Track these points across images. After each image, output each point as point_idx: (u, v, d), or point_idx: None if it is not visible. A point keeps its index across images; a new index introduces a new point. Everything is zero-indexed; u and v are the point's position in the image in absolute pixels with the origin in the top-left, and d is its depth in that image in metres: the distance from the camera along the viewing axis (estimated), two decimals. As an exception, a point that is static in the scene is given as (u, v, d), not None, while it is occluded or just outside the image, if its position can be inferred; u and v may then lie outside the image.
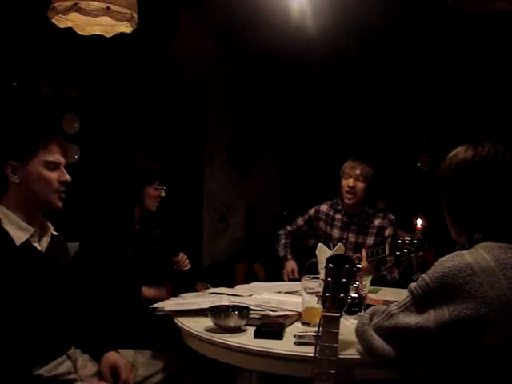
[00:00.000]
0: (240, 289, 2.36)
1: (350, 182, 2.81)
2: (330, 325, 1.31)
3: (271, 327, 1.61)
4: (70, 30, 2.04)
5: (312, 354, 1.31)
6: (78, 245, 2.31)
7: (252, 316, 1.76)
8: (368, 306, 1.73)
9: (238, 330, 1.65)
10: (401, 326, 1.29)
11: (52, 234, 1.80)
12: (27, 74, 3.82)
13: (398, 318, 1.30)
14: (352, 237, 2.87)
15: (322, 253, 2.14)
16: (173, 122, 4.58)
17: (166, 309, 1.89)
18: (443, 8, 2.16)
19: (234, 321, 1.65)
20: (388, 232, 2.81)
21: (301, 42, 4.23)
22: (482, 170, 1.34)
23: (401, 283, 2.60)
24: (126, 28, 2.02)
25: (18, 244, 1.65)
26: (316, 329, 1.34)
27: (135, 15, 1.96)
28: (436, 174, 1.44)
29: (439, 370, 1.32)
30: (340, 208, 2.94)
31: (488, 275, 1.21)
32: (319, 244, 2.24)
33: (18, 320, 1.61)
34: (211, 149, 5.07)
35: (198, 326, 1.70)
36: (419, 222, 2.42)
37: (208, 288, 2.37)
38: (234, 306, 1.79)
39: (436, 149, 4.84)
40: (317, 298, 1.64)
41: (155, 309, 1.92)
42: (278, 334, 1.57)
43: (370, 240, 2.83)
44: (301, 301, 1.74)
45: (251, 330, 1.62)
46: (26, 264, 1.67)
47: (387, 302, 1.82)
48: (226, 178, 5.19)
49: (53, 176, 1.72)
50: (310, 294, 1.68)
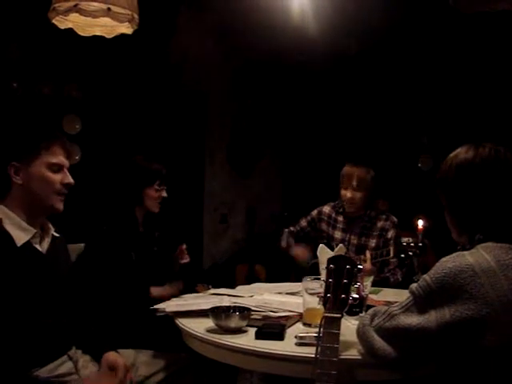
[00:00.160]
0: (241, 290, 2.36)
1: (348, 193, 2.79)
2: (331, 326, 1.31)
3: (272, 328, 1.61)
4: (70, 31, 2.04)
5: (313, 355, 1.31)
6: (78, 246, 2.32)
7: (253, 317, 1.76)
8: (369, 306, 1.73)
9: (238, 330, 1.65)
10: (402, 327, 1.29)
11: (53, 235, 1.81)
12: (27, 75, 3.82)
13: (399, 319, 1.30)
14: (354, 239, 2.87)
15: (323, 254, 2.14)
16: (173, 122, 4.58)
17: (167, 310, 1.89)
18: (444, 8, 2.16)
19: (234, 322, 1.65)
20: (390, 234, 2.80)
21: (301, 42, 4.23)
22: (482, 170, 1.34)
23: (402, 284, 2.60)
24: (126, 29, 2.02)
25: (18, 245, 1.65)
26: (317, 330, 1.34)
27: (136, 16, 1.96)
28: (437, 174, 1.44)
29: (440, 370, 1.32)
30: (342, 210, 2.94)
31: (489, 276, 1.21)
32: (320, 245, 2.24)
33: (18, 320, 1.61)
34: (212, 149, 5.07)
35: (199, 327, 1.70)
36: (420, 223, 2.41)
37: (209, 289, 2.37)
38: (234, 306, 1.79)
39: (437, 149, 4.83)
40: (318, 299, 1.63)
41: (156, 310, 1.92)
42: (279, 335, 1.57)
43: (372, 242, 2.82)
44: (302, 302, 1.74)
45: (252, 331, 1.62)
46: (27, 265, 1.67)
47: (388, 303, 1.82)
48: (226, 177, 5.19)
49: (55, 178, 1.72)
50: (311, 294, 1.67)
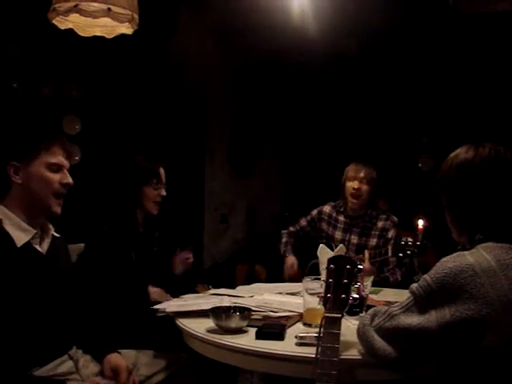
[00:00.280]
0: (241, 290, 2.36)
1: (355, 184, 2.80)
2: (331, 326, 1.31)
3: (272, 328, 1.61)
4: (70, 31, 2.04)
5: (313, 355, 1.31)
6: (78, 246, 2.31)
7: (253, 317, 1.75)
8: (369, 306, 1.73)
9: (239, 331, 1.65)
10: (402, 327, 1.29)
11: (53, 235, 1.81)
12: (27, 75, 3.82)
13: (400, 319, 1.30)
14: (354, 238, 2.87)
15: (324, 254, 2.14)
16: (173, 122, 4.58)
17: (167, 310, 1.89)
18: (444, 9, 2.16)
19: (235, 322, 1.65)
20: (391, 234, 2.80)
21: (301, 42, 4.23)
22: (482, 170, 1.34)
23: (402, 284, 2.60)
24: (126, 29, 2.02)
25: (18, 245, 1.65)
26: (317, 330, 1.34)
27: (136, 16, 1.96)
28: (437, 174, 1.44)
29: (440, 370, 1.32)
30: (342, 210, 2.94)
31: (489, 276, 1.21)
32: (320, 245, 2.24)
33: (18, 320, 1.62)
34: (212, 149, 5.07)
35: (199, 327, 1.70)
36: (420, 223, 2.41)
37: (209, 289, 2.37)
38: (235, 307, 1.79)
39: (437, 149, 4.83)
40: (318, 299, 1.64)
41: (157, 310, 1.92)
42: (279, 335, 1.57)
43: (373, 242, 2.82)
44: (302, 302, 1.74)
45: (252, 331, 1.62)
46: (27, 266, 1.67)
47: (388, 303, 1.82)
48: (226, 177, 5.19)
49: (54, 177, 1.72)
50: (311, 294, 1.67)
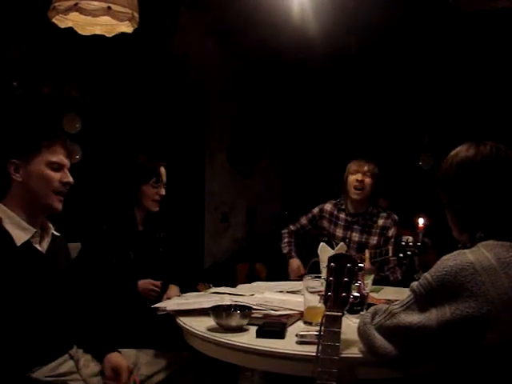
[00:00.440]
0: (242, 288, 2.36)
1: (359, 176, 2.82)
2: (332, 324, 1.31)
3: (273, 326, 1.61)
4: (70, 30, 2.04)
5: (314, 353, 1.31)
6: (78, 245, 2.32)
7: (254, 315, 1.76)
8: (370, 305, 1.73)
9: (239, 329, 1.65)
10: (402, 325, 1.29)
11: (53, 234, 1.81)
12: (27, 74, 3.82)
13: (400, 317, 1.30)
14: (355, 236, 2.87)
15: (324, 252, 2.14)
16: (174, 121, 4.58)
17: (168, 309, 1.89)
18: (445, 6, 2.16)
19: (235, 320, 1.65)
20: (391, 232, 2.81)
21: (301, 41, 4.23)
22: (483, 168, 1.33)
23: (403, 282, 2.60)
24: (126, 28, 2.03)
25: (18, 244, 1.65)
26: (318, 328, 1.34)
27: (136, 15, 1.96)
28: (437, 172, 1.43)
29: (441, 368, 1.32)
30: (344, 207, 2.95)
31: (490, 274, 1.21)
32: (321, 243, 2.25)
33: (18, 320, 1.61)
34: (212, 148, 5.07)
35: (200, 326, 1.70)
36: (421, 221, 2.41)
37: (210, 288, 2.37)
38: (235, 305, 1.79)
39: (437, 148, 4.83)
40: (319, 297, 1.64)
41: (157, 309, 1.92)
42: (279, 334, 1.57)
43: (373, 240, 2.83)
44: (303, 300, 1.74)
45: (253, 330, 1.62)
46: (27, 265, 1.66)
47: (389, 301, 1.82)
48: (226, 177, 5.19)
49: (55, 176, 1.72)
50: (311, 293, 1.68)
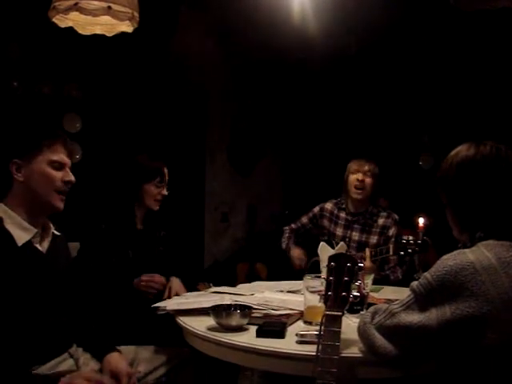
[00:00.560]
0: (242, 288, 2.36)
1: (360, 176, 2.83)
2: (331, 323, 1.31)
3: (273, 326, 1.61)
4: (70, 30, 2.04)
5: (314, 353, 1.31)
6: (78, 244, 2.31)
7: (254, 315, 1.75)
8: (370, 304, 1.74)
9: (240, 329, 1.65)
10: (403, 325, 1.29)
11: (53, 233, 1.81)
12: (28, 74, 3.82)
13: (400, 317, 1.30)
14: (355, 235, 2.88)
15: (324, 252, 2.14)
16: (174, 121, 4.58)
17: (167, 308, 1.89)
18: (445, 6, 2.16)
19: (235, 320, 1.65)
20: (392, 232, 2.81)
21: (301, 40, 4.23)
22: (483, 168, 1.34)
23: (403, 282, 2.60)
24: (127, 27, 2.03)
25: (19, 244, 1.65)
26: (318, 327, 1.34)
27: (136, 14, 1.96)
28: (438, 172, 1.44)
29: (441, 368, 1.32)
30: (344, 207, 2.95)
31: (490, 273, 1.21)
32: (321, 243, 2.25)
33: (19, 319, 1.61)
34: (212, 148, 5.07)
35: (200, 325, 1.70)
36: (421, 221, 2.41)
37: (210, 287, 2.37)
38: (235, 305, 1.79)
39: (438, 147, 4.83)
40: (319, 297, 1.64)
41: (157, 308, 1.92)
42: (279, 333, 1.57)
43: (374, 239, 2.83)
44: (303, 300, 1.74)
45: (253, 329, 1.62)
46: (27, 265, 1.66)
47: (389, 301, 1.82)
48: (227, 177, 5.19)
49: (57, 175, 1.72)
50: (311, 292, 1.68)
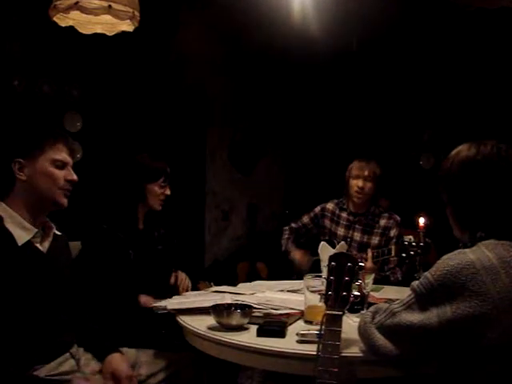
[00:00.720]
0: (242, 287, 2.36)
1: (360, 182, 2.82)
2: (332, 323, 1.31)
3: (274, 325, 1.61)
4: (71, 29, 2.04)
5: (314, 352, 1.31)
6: (79, 243, 2.31)
7: (254, 314, 1.75)
8: (370, 304, 1.74)
9: (240, 328, 1.65)
10: (403, 324, 1.29)
11: (54, 233, 1.80)
12: (28, 73, 3.82)
13: (401, 316, 1.30)
14: (357, 236, 2.87)
15: (325, 251, 2.14)
16: (175, 120, 4.58)
17: (168, 307, 1.89)
18: (446, 5, 2.16)
19: (236, 319, 1.65)
20: (393, 233, 2.82)
21: (303, 39, 4.22)
22: (484, 167, 1.33)
23: (403, 281, 2.60)
24: (127, 26, 2.03)
25: (20, 244, 1.65)
26: (318, 327, 1.34)
27: (137, 13, 1.96)
28: (438, 172, 1.44)
29: (442, 368, 1.32)
30: (345, 207, 2.95)
31: (490, 273, 1.21)
32: (322, 242, 2.24)
33: (19, 319, 1.61)
34: (213, 147, 5.06)
35: (200, 325, 1.70)
36: (421, 221, 2.40)
37: (210, 286, 2.37)
38: (236, 304, 1.79)
39: (438, 147, 4.83)
40: (319, 297, 1.64)
41: (158, 308, 1.92)
42: (280, 333, 1.57)
43: (375, 240, 2.83)
44: (303, 299, 1.74)
45: (254, 329, 1.62)
46: (28, 264, 1.66)
47: (389, 301, 1.82)
48: (227, 175, 5.19)
49: (60, 174, 1.72)
50: (312, 292, 1.68)
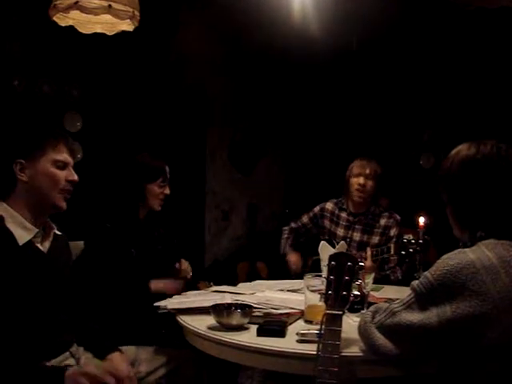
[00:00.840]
0: (242, 287, 2.36)
1: (361, 180, 2.81)
2: (332, 323, 1.31)
3: (274, 325, 1.61)
4: (71, 28, 2.04)
5: (314, 352, 1.31)
6: (81, 243, 2.31)
7: (254, 314, 1.75)
8: (370, 303, 1.74)
9: (240, 328, 1.65)
10: (403, 324, 1.29)
11: (55, 233, 1.81)
12: (28, 73, 3.82)
13: (401, 316, 1.30)
14: (357, 236, 2.87)
15: (325, 251, 2.14)
16: (175, 120, 4.58)
17: (168, 307, 1.89)
18: (446, 4, 2.16)
19: (236, 319, 1.65)
20: (393, 232, 2.81)
21: (303, 38, 4.22)
22: (484, 167, 1.33)
23: (403, 281, 2.60)
24: (127, 26, 2.03)
25: (20, 244, 1.65)
26: (318, 327, 1.34)
27: (137, 13, 1.96)
28: (438, 171, 1.44)
29: (442, 367, 1.32)
30: (345, 207, 2.94)
31: (490, 273, 1.21)
32: (322, 242, 2.25)
33: (19, 319, 1.61)
34: (213, 147, 5.06)
35: (200, 325, 1.70)
36: (421, 220, 2.40)
37: (210, 286, 2.37)
38: (236, 304, 1.79)
39: (438, 147, 4.84)
40: (319, 296, 1.64)
41: (158, 307, 1.92)
42: (280, 332, 1.57)
43: (375, 239, 2.83)
44: (303, 299, 1.74)
45: (254, 328, 1.62)
46: (28, 264, 1.66)
47: (389, 300, 1.82)
48: (227, 175, 5.19)
49: (61, 174, 1.72)
50: (312, 291, 1.68)
